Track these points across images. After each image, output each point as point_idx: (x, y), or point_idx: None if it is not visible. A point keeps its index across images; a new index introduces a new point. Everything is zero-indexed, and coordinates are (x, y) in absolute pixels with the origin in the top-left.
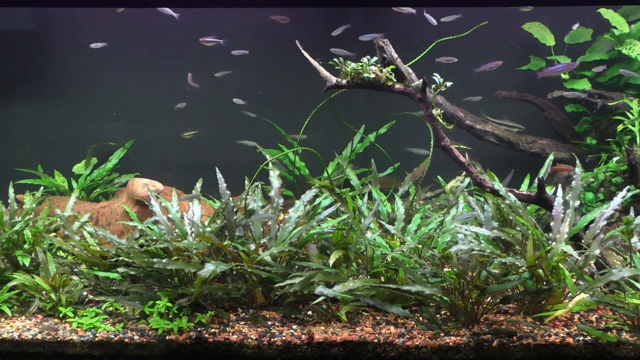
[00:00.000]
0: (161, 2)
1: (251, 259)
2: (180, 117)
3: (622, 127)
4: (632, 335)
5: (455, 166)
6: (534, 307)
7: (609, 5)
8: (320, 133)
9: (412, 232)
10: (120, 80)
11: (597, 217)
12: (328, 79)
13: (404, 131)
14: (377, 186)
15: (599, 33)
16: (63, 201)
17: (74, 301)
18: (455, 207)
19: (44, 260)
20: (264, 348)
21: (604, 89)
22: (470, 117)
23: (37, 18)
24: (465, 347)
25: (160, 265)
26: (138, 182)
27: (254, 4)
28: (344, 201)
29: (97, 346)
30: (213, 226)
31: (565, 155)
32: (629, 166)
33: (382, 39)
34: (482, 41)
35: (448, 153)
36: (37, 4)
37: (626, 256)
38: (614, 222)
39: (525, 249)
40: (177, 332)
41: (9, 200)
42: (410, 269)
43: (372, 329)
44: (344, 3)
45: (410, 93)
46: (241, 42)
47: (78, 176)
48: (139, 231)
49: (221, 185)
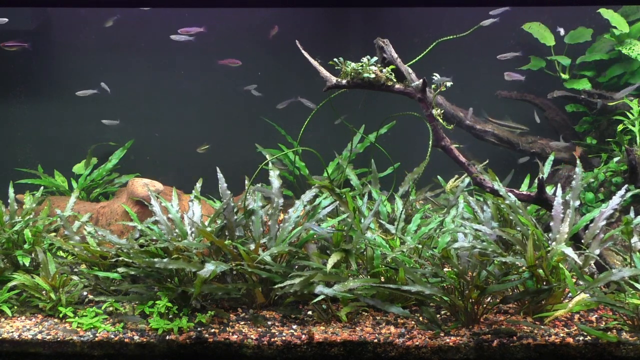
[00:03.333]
0: (161, 2)
1: (251, 259)
2: (180, 117)
3: (622, 127)
4: (632, 335)
5: (456, 166)
6: (534, 307)
7: (609, 5)
8: (320, 133)
9: (412, 232)
10: (120, 80)
11: (596, 217)
12: (328, 79)
13: (404, 131)
14: (377, 186)
15: (599, 33)
16: (63, 201)
17: (74, 301)
18: (455, 207)
19: (44, 260)
20: (264, 348)
21: (604, 89)
22: (471, 117)
23: (37, 18)
24: (465, 347)
25: (160, 265)
26: (138, 182)
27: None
28: (344, 201)
29: (97, 346)
30: (213, 226)
31: (565, 155)
32: (629, 166)
33: (382, 39)
34: (482, 41)
35: (448, 153)
36: (37, 4)
37: (626, 256)
38: (614, 222)
39: (525, 248)
40: (177, 332)
41: (9, 200)
42: (410, 269)
43: (372, 329)
44: (344, 3)
45: (410, 93)
46: (241, 42)
47: (78, 176)
48: (139, 231)
49: (221, 185)
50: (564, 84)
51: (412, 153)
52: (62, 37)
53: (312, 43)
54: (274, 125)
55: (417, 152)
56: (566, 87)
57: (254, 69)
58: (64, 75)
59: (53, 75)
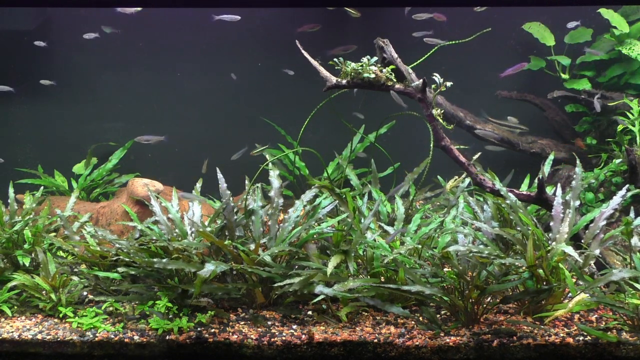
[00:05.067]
0: (161, 2)
1: (251, 259)
2: (180, 117)
3: (622, 127)
4: (632, 335)
5: (456, 166)
6: (534, 307)
7: (609, 5)
8: (320, 133)
9: (412, 232)
10: (120, 80)
11: (596, 217)
12: (328, 79)
13: (404, 131)
14: (377, 186)
15: (599, 33)
16: (63, 201)
17: (74, 301)
18: (455, 207)
19: (44, 260)
20: (264, 348)
21: (604, 89)
22: (471, 117)
23: (37, 18)
24: (465, 347)
25: (160, 265)
26: (138, 182)
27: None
28: (344, 201)
29: (97, 346)
30: (213, 226)
31: (565, 155)
32: (629, 166)
33: (382, 39)
34: (482, 41)
35: (448, 153)
36: (37, 4)
37: (626, 256)
38: (614, 222)
39: (525, 248)
40: (177, 332)
41: (9, 200)
42: (410, 269)
43: (372, 329)
44: (343, 3)
45: (410, 93)
46: (241, 41)
47: (78, 176)
48: (139, 231)
49: (221, 185)
50: (564, 84)
51: (412, 153)
52: (62, 36)
53: (312, 43)
54: (274, 126)
55: (417, 152)
56: (566, 87)
57: (254, 69)
58: (64, 75)
59: (53, 75)
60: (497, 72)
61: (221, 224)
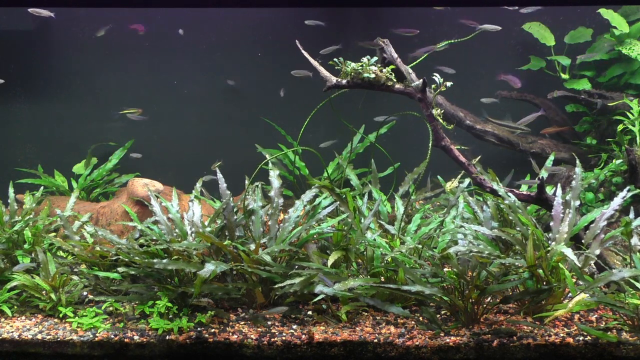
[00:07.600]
0: (161, 2)
1: (251, 259)
2: (180, 117)
3: (622, 127)
4: (632, 335)
5: (456, 166)
6: (534, 307)
7: (609, 5)
8: (320, 133)
9: (412, 232)
10: (120, 80)
11: (597, 218)
12: (328, 79)
13: (404, 131)
14: (377, 186)
15: (599, 33)
16: (63, 201)
17: (74, 301)
18: (455, 207)
19: (44, 260)
20: (264, 348)
21: (604, 89)
22: (471, 117)
23: (37, 18)
24: (465, 347)
25: (160, 265)
26: (138, 182)
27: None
28: (344, 201)
29: (97, 346)
30: (213, 226)
31: (566, 155)
32: (629, 166)
33: (382, 39)
34: (482, 41)
35: (448, 153)
36: (37, 4)
37: (626, 256)
38: (614, 222)
39: (525, 248)
40: (177, 332)
41: (9, 200)
42: (410, 269)
43: (372, 329)
44: (344, 3)
45: (410, 93)
46: (241, 42)
47: (78, 176)
48: (139, 231)
49: (221, 185)
50: (564, 84)
51: (412, 153)
52: (62, 37)
53: (312, 43)
54: (274, 126)
55: (417, 152)
56: (566, 87)
57: (253, 69)
58: (64, 75)
59: (53, 75)
60: (497, 73)
61: (221, 224)
